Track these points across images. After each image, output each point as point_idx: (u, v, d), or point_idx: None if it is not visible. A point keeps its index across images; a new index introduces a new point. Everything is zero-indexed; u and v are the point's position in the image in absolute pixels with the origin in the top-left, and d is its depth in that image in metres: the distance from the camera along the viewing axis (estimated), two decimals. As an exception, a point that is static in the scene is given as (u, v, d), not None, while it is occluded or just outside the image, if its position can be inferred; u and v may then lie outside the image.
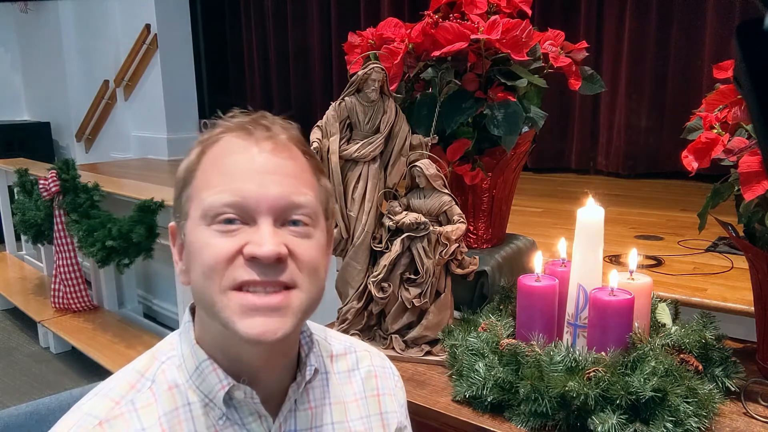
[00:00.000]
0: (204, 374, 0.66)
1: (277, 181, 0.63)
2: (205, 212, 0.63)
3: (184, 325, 0.70)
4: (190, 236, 0.65)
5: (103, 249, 2.90)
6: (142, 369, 0.69)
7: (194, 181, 0.66)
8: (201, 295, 0.64)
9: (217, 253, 0.61)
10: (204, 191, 0.64)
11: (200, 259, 0.62)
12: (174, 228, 0.70)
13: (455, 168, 1.35)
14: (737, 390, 1.04)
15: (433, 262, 1.20)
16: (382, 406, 0.79)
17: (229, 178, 0.63)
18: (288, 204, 0.63)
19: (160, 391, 0.66)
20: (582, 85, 1.39)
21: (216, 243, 0.62)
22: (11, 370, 3.26)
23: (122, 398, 0.66)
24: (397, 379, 0.84)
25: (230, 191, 0.62)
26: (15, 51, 6.37)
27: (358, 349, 0.82)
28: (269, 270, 0.61)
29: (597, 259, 1.06)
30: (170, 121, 5.04)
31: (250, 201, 0.62)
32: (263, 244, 0.61)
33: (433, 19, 1.30)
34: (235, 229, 0.62)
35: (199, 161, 0.66)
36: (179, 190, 0.68)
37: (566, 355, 1.00)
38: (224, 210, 0.62)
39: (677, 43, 3.10)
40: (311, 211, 0.65)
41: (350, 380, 0.79)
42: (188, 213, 0.65)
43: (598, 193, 1.07)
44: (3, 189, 4.37)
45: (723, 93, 1.06)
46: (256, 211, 0.62)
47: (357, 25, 4.06)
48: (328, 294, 1.26)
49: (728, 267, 1.75)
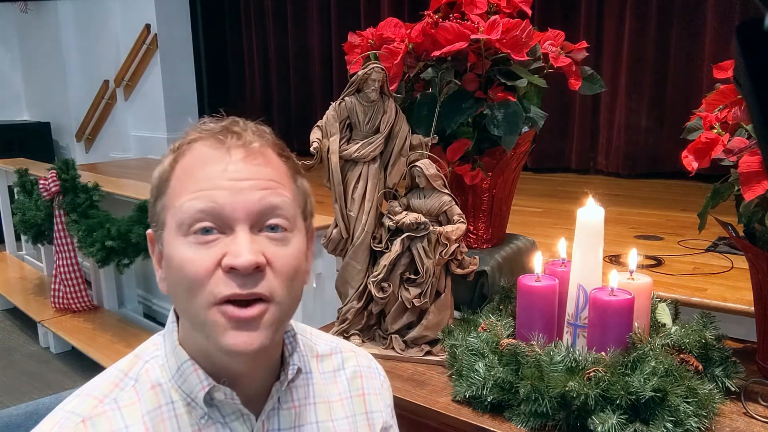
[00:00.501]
0: (185, 375, 0.66)
1: (251, 186, 0.63)
2: (180, 221, 0.63)
3: (168, 326, 0.71)
4: (168, 248, 0.65)
5: (102, 249, 2.90)
6: (126, 368, 0.69)
7: (168, 189, 0.66)
8: (184, 310, 0.65)
9: (196, 269, 0.61)
10: (178, 199, 0.64)
11: (181, 273, 0.62)
12: (152, 236, 0.70)
13: (455, 168, 1.35)
14: (737, 390, 1.04)
15: (433, 262, 1.20)
16: (367, 406, 0.80)
17: (202, 184, 0.63)
18: (264, 207, 0.63)
19: (144, 390, 0.67)
20: (582, 85, 1.39)
21: (194, 258, 0.62)
22: (11, 370, 3.26)
23: (105, 397, 0.66)
24: (383, 378, 0.85)
25: (204, 197, 0.62)
26: (15, 51, 6.36)
27: (344, 350, 0.83)
28: (248, 281, 0.61)
29: (597, 259, 1.06)
30: (170, 121, 5.03)
31: (225, 207, 0.62)
32: (240, 254, 0.61)
33: (433, 19, 1.30)
34: (212, 240, 0.62)
35: (172, 170, 0.66)
36: (154, 198, 0.68)
37: (566, 355, 1.00)
38: (199, 216, 0.62)
39: (677, 43, 3.10)
40: (288, 214, 0.65)
41: (335, 380, 0.79)
42: (164, 222, 0.66)
43: (598, 193, 1.07)
44: (3, 189, 4.37)
45: (723, 93, 1.06)
46: (232, 218, 0.62)
47: (357, 25, 4.06)
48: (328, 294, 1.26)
49: (728, 267, 1.75)
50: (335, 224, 1.27)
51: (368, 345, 1.27)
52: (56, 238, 3.32)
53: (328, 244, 1.29)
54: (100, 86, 5.46)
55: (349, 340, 1.26)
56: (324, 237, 1.29)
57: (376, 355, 0.89)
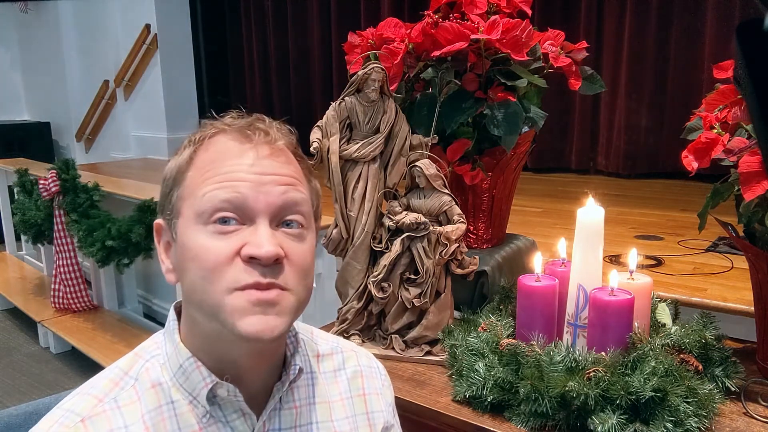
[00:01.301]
0: (187, 372, 0.66)
1: (274, 180, 0.64)
2: (201, 210, 0.63)
3: (169, 325, 0.70)
4: (183, 237, 0.65)
5: (102, 249, 2.90)
6: (126, 367, 0.69)
7: (186, 180, 0.66)
8: (200, 297, 0.63)
9: (216, 256, 0.62)
10: (200, 189, 0.64)
11: (198, 262, 0.62)
12: (160, 225, 0.69)
13: (455, 168, 1.35)
14: (737, 390, 1.04)
15: (433, 262, 1.20)
16: (368, 406, 0.80)
17: (227, 176, 0.63)
18: (286, 201, 0.64)
19: (144, 389, 0.66)
20: (582, 85, 1.39)
21: (213, 245, 0.62)
22: (11, 370, 3.26)
23: (105, 396, 0.66)
24: (384, 377, 0.85)
25: (229, 188, 0.63)
26: (15, 51, 6.36)
27: (345, 349, 0.83)
28: (267, 272, 0.62)
29: (597, 259, 1.06)
30: (170, 121, 5.04)
31: (248, 198, 0.63)
32: (262, 245, 0.61)
33: (433, 19, 1.30)
34: (232, 230, 0.63)
35: (191, 161, 0.66)
36: (168, 188, 0.68)
37: (566, 355, 1.00)
38: (222, 206, 0.62)
39: (677, 43, 3.10)
40: (305, 211, 0.67)
41: (336, 380, 0.79)
42: (180, 211, 0.65)
43: (598, 193, 1.07)
44: (3, 189, 4.37)
45: (723, 93, 1.06)
46: (254, 210, 0.63)
47: (357, 25, 4.06)
48: (328, 294, 1.26)
49: (728, 267, 1.75)
50: (335, 224, 1.27)
51: (368, 345, 1.27)
52: (56, 238, 3.32)
53: (328, 244, 1.29)
54: (100, 86, 5.46)
55: (349, 340, 1.26)
56: (324, 237, 1.29)
57: (376, 355, 0.89)
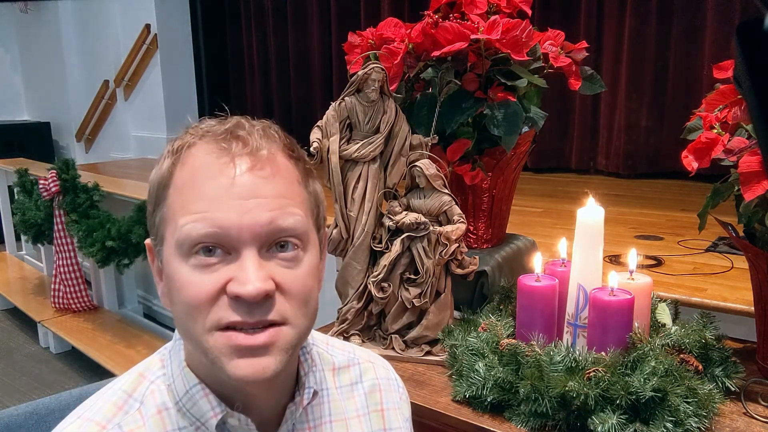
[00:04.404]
0: (194, 399, 0.62)
1: (260, 204, 0.57)
2: (180, 242, 0.57)
3: (175, 343, 0.66)
4: (168, 267, 0.60)
5: (102, 249, 2.90)
6: (130, 389, 0.65)
7: (168, 199, 0.60)
8: (185, 332, 0.60)
9: (198, 293, 0.57)
10: (179, 217, 0.58)
11: (180, 296, 0.58)
12: (151, 246, 0.65)
13: (455, 168, 1.35)
14: (737, 390, 1.04)
15: (433, 262, 1.20)
16: (386, 423, 0.76)
17: (205, 204, 0.57)
18: (273, 229, 0.58)
19: (149, 414, 0.63)
20: (582, 85, 1.39)
21: (196, 280, 0.57)
22: (11, 370, 3.26)
23: (108, 422, 0.62)
24: (402, 391, 0.81)
25: (208, 220, 0.56)
26: (15, 51, 6.36)
27: (362, 360, 0.79)
28: (256, 309, 0.56)
29: (597, 259, 1.06)
30: (170, 121, 5.03)
31: (231, 231, 0.56)
32: (247, 281, 0.55)
33: (433, 19, 1.30)
34: (215, 263, 0.57)
35: (171, 176, 0.60)
36: (152, 206, 0.62)
37: (566, 355, 1.00)
38: (202, 239, 0.57)
39: (677, 43, 3.10)
40: (300, 232, 0.60)
41: (353, 395, 0.76)
42: (164, 237, 0.60)
43: (598, 193, 1.07)
44: (3, 189, 4.38)
45: (723, 93, 1.06)
46: (239, 240, 0.57)
47: (357, 25, 4.06)
48: (328, 294, 1.26)
49: (728, 267, 1.75)
50: (335, 224, 1.27)
51: (368, 345, 1.27)
52: (56, 238, 3.32)
53: (328, 245, 1.29)
54: (100, 86, 5.46)
55: (349, 340, 1.26)
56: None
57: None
